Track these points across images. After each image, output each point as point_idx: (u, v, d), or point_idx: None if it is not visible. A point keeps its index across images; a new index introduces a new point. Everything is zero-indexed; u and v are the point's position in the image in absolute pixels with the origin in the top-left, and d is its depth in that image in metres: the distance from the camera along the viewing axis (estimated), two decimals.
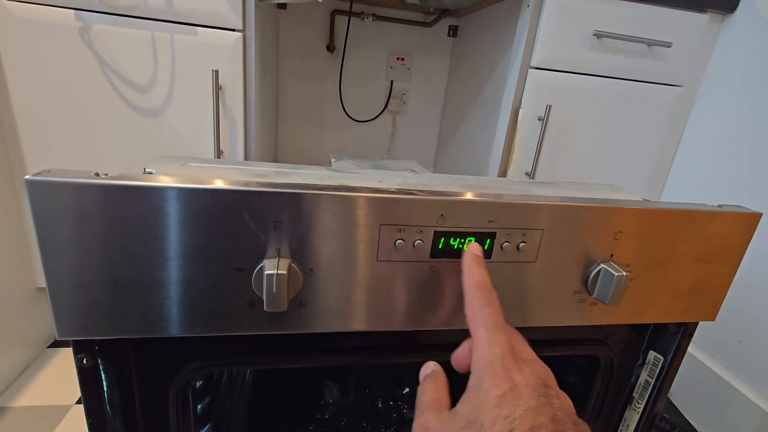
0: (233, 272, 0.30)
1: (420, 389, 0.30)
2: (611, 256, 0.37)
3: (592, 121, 0.96)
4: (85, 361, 0.31)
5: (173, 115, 0.82)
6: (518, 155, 0.95)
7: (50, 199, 0.26)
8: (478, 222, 0.33)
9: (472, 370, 0.27)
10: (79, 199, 0.26)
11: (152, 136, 0.83)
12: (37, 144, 0.81)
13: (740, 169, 0.92)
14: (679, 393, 0.99)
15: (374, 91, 1.46)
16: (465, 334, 0.41)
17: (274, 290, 0.29)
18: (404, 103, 1.49)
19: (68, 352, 0.97)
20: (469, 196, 0.32)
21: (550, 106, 0.91)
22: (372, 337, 0.39)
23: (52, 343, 0.99)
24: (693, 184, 1.03)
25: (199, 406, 0.43)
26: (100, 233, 0.27)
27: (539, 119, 0.93)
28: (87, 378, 0.32)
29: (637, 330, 0.47)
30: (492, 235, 0.33)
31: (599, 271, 0.36)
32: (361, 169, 0.51)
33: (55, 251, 0.27)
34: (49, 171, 0.26)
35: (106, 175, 0.27)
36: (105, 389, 0.33)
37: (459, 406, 0.26)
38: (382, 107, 1.48)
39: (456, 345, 0.42)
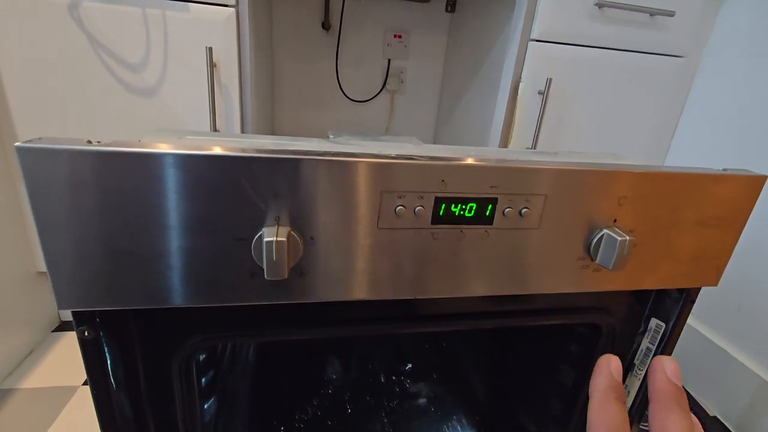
0: (233, 242, 0.29)
1: None
2: (614, 221, 0.36)
3: (593, 94, 0.94)
4: (86, 333, 0.31)
5: (168, 94, 0.81)
6: (518, 130, 0.94)
7: (42, 168, 0.25)
8: (479, 188, 0.32)
9: None
10: (72, 167, 0.25)
11: (147, 116, 0.82)
12: (29, 127, 0.80)
13: (743, 138, 0.91)
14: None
15: (371, 69, 1.44)
16: (467, 302, 0.41)
17: (274, 258, 0.28)
18: (402, 82, 1.47)
19: (73, 335, 0.98)
20: (470, 161, 0.32)
21: (551, 80, 0.89)
22: (373, 307, 0.39)
23: (56, 327, 1.00)
24: (695, 155, 1.02)
25: (203, 380, 0.43)
26: (96, 202, 0.26)
27: (539, 93, 0.91)
28: (89, 350, 0.32)
29: (639, 297, 0.47)
30: (494, 201, 0.33)
31: (602, 236, 0.36)
32: (361, 141, 0.50)
33: (50, 222, 0.26)
34: (40, 139, 0.26)
35: (99, 142, 0.26)
36: (108, 362, 0.33)
37: None
38: (380, 86, 1.46)
39: (458, 315, 0.43)
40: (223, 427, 0.49)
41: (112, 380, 0.34)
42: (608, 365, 0.25)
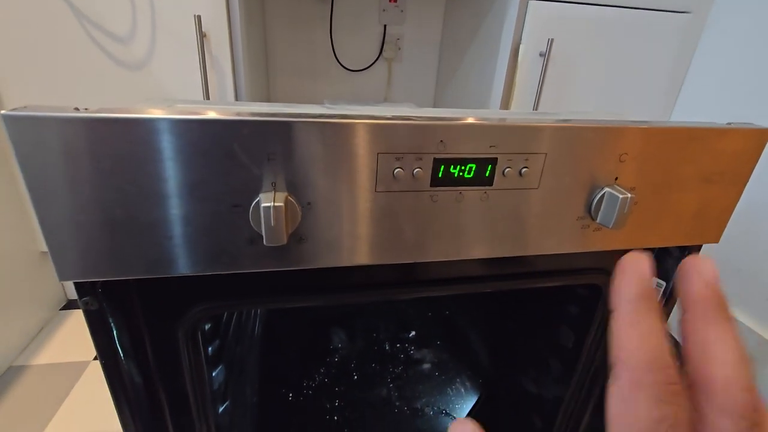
0: (229, 209, 0.29)
1: None
2: (615, 179, 0.36)
3: (597, 54, 0.92)
4: (89, 304, 0.31)
5: (158, 66, 0.79)
6: (519, 93, 0.92)
7: (30, 137, 0.25)
8: (479, 148, 0.31)
9: None
10: (61, 135, 0.25)
11: (137, 89, 0.80)
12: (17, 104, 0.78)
13: (750, 95, 0.89)
14: (675, 323, 1.02)
15: (367, 37, 1.40)
16: (466, 265, 0.41)
17: (272, 223, 0.28)
18: (399, 49, 1.43)
19: (80, 313, 1.00)
20: (469, 120, 0.31)
21: (552, 40, 0.86)
22: (373, 273, 0.39)
23: (64, 306, 1.02)
24: (701, 115, 1.00)
25: (210, 348, 0.44)
26: (88, 171, 0.26)
27: (541, 55, 0.89)
28: (94, 321, 0.32)
29: None
30: (493, 161, 0.32)
31: (603, 194, 0.35)
32: (357, 107, 0.49)
33: (43, 192, 0.26)
34: (25, 107, 0.25)
35: (86, 109, 0.26)
36: (114, 332, 0.34)
37: None
38: (377, 55, 1.42)
39: (458, 279, 0.43)
40: (233, 394, 0.50)
41: (119, 350, 0.34)
42: (636, 264, 0.17)
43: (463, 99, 1.22)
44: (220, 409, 0.47)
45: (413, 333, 0.88)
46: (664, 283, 0.47)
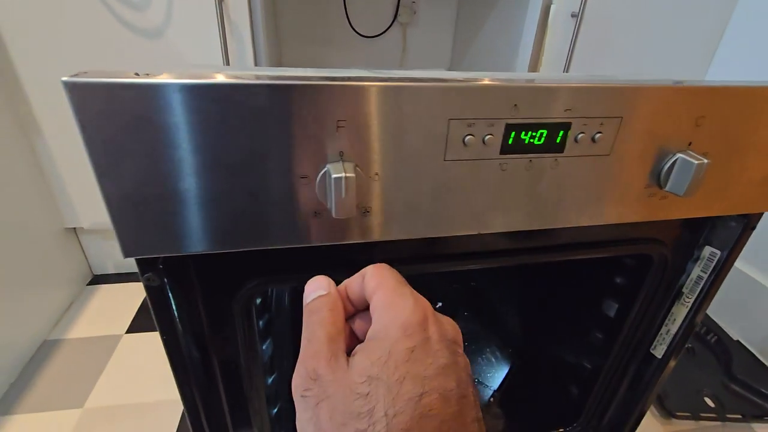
0: (296, 180, 0.28)
1: (313, 314, 0.24)
2: (689, 144, 0.34)
3: (632, 13, 0.87)
4: (151, 280, 0.31)
5: (175, 34, 0.76)
6: (548, 59, 0.88)
7: (92, 104, 0.23)
8: (553, 111, 0.30)
9: (374, 310, 0.23)
10: (125, 102, 0.23)
11: (154, 58, 0.77)
12: (31, 73, 0.76)
13: None
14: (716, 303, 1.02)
15: (381, 1, 1.33)
16: (515, 237, 0.40)
17: (343, 195, 0.27)
18: (414, 13, 1.37)
19: (107, 288, 1.01)
20: (545, 83, 0.29)
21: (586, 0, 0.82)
22: (434, 244, 0.38)
23: (90, 281, 1.02)
24: (737, 75, 0.96)
25: (260, 322, 0.43)
26: (153, 141, 0.25)
27: (573, 16, 0.84)
28: (155, 297, 0.32)
29: (694, 225, 0.45)
30: (567, 126, 0.30)
31: (675, 161, 0.34)
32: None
33: (107, 165, 0.25)
34: (85, 72, 0.23)
35: (147, 74, 0.24)
36: (174, 307, 0.33)
37: (358, 356, 0.21)
38: (391, 19, 1.36)
39: (509, 251, 0.42)
40: (278, 367, 0.50)
41: (178, 324, 0.34)
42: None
43: (484, 64, 1.17)
44: (269, 381, 0.48)
45: (440, 304, 0.89)
46: (718, 252, 0.46)
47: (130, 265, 1.08)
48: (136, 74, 0.24)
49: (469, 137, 0.29)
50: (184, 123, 0.24)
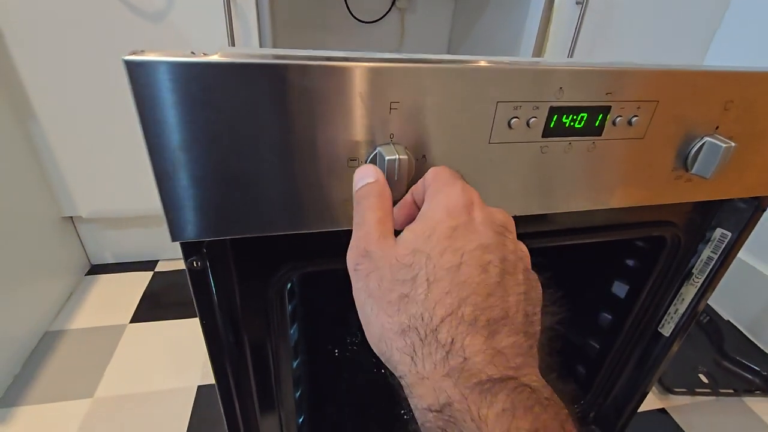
0: (347, 162, 0.28)
1: (363, 200, 0.25)
2: (716, 128, 0.35)
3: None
4: (195, 264, 0.30)
5: (178, 17, 0.74)
6: (552, 46, 0.89)
7: (153, 84, 0.23)
8: (595, 95, 0.30)
9: (426, 198, 0.24)
10: (183, 82, 0.23)
11: (159, 42, 0.75)
12: (27, 59, 0.73)
13: None
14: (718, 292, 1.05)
15: None
16: (552, 217, 0.40)
17: (396, 177, 0.27)
18: None
19: (107, 278, 0.99)
20: (589, 66, 0.29)
21: None
22: None
23: (88, 271, 1.00)
24: (735, 60, 0.98)
25: (289, 306, 0.44)
26: (208, 123, 0.24)
27: (577, 3, 0.85)
28: (198, 281, 0.31)
29: (707, 208, 0.47)
30: (606, 110, 0.31)
31: (703, 144, 0.35)
32: None
33: (162, 146, 0.24)
34: (143, 51, 0.23)
35: (204, 54, 0.23)
36: (214, 291, 0.33)
37: (405, 233, 0.23)
38: (389, 4, 1.35)
39: (541, 233, 0.43)
40: (301, 351, 0.51)
41: (217, 309, 0.34)
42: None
43: (483, 50, 1.17)
44: (295, 364, 0.48)
45: None
46: (729, 234, 0.47)
47: (129, 254, 1.06)
48: (193, 53, 0.24)
49: (514, 120, 0.29)
50: (242, 104, 0.24)
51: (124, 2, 0.71)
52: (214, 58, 0.23)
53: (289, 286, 0.44)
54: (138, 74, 0.22)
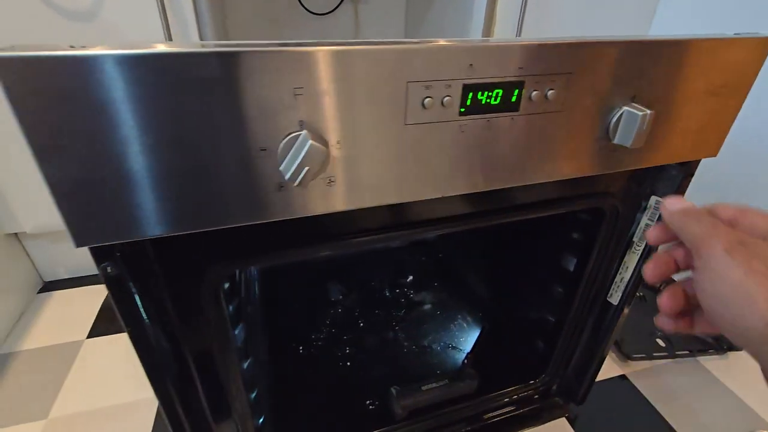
0: (256, 153, 0.27)
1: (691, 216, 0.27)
2: (633, 97, 0.36)
3: None
4: (109, 270, 0.29)
5: (110, 15, 0.70)
6: (500, 27, 0.89)
7: (26, 82, 0.21)
8: (507, 70, 0.30)
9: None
10: (61, 78, 0.22)
11: (90, 42, 0.71)
12: None
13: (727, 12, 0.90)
14: None
15: None
16: (469, 200, 0.40)
17: (308, 165, 0.26)
18: None
19: (61, 294, 0.95)
20: (497, 42, 0.29)
21: None
22: (398, 212, 0.38)
23: (41, 289, 0.96)
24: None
25: (230, 307, 0.42)
26: (93, 119, 0.23)
27: None
28: (115, 287, 0.30)
29: (640, 176, 0.48)
30: (521, 85, 0.31)
31: (622, 114, 0.35)
32: None
33: (47, 147, 0.23)
34: (12, 47, 0.21)
35: (84, 47, 0.22)
36: (136, 296, 0.32)
37: None
38: None
39: (467, 215, 0.43)
40: (253, 352, 0.50)
41: (143, 314, 0.33)
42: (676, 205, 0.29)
43: (438, 36, 1.17)
44: (245, 365, 0.47)
45: (410, 277, 0.90)
46: (661, 201, 0.49)
47: (86, 267, 1.02)
48: (71, 47, 0.22)
49: (428, 99, 0.29)
50: (127, 98, 0.23)
51: (48, 4, 0.67)
52: (91, 51, 0.21)
53: (227, 285, 0.43)
54: (7, 72, 0.21)
